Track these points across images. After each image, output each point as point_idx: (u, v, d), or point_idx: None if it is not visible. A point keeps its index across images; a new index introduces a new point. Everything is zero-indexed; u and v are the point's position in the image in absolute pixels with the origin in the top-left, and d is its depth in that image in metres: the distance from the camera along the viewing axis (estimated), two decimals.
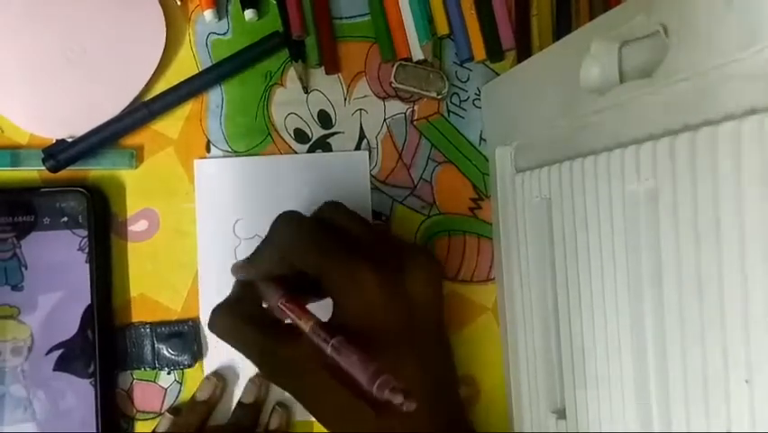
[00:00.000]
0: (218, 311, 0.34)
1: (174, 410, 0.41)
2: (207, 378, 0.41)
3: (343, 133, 0.43)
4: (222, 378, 0.41)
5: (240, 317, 0.34)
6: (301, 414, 0.42)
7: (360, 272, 0.32)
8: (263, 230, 0.42)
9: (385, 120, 0.43)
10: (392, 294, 0.33)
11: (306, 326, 0.31)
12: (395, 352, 0.32)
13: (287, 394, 0.34)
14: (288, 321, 0.33)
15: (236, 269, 0.36)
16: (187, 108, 0.43)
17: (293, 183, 0.42)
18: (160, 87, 0.42)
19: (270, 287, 0.34)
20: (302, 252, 0.33)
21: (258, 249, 0.35)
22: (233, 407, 0.42)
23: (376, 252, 0.34)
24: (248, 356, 0.33)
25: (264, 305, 0.35)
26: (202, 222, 0.42)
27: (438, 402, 0.34)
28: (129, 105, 0.41)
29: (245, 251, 0.42)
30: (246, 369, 0.42)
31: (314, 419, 0.33)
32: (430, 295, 0.35)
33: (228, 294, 0.36)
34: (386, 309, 0.32)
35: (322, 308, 0.34)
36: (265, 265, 0.35)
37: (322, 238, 0.33)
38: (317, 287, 0.34)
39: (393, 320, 0.33)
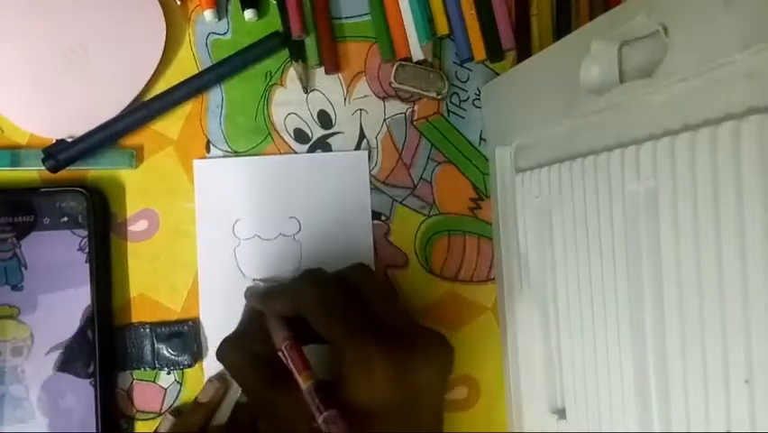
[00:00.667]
0: (228, 345, 0.36)
1: (175, 412, 0.41)
2: (210, 381, 0.41)
3: (343, 133, 0.43)
4: (224, 381, 0.41)
5: (246, 352, 0.35)
6: None
7: (373, 357, 0.32)
8: (263, 230, 0.42)
9: (385, 120, 0.43)
10: (399, 379, 0.32)
11: (303, 383, 0.32)
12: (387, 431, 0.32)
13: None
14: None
15: (251, 296, 0.38)
16: (186, 108, 0.43)
17: (293, 183, 0.42)
18: (160, 86, 0.42)
19: (278, 325, 0.35)
20: (320, 318, 0.34)
21: (277, 293, 0.36)
22: (231, 408, 0.42)
23: (393, 329, 0.34)
24: (247, 396, 0.35)
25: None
26: (201, 222, 0.42)
27: None
28: (129, 105, 0.41)
29: (245, 251, 0.42)
30: None
31: None
32: (438, 383, 0.35)
33: (238, 324, 0.38)
34: (390, 394, 0.32)
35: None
36: (278, 310, 0.36)
37: (343, 309, 0.34)
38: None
39: (394, 403, 0.32)
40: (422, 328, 0.36)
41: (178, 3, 0.42)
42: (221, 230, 0.42)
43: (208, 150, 0.43)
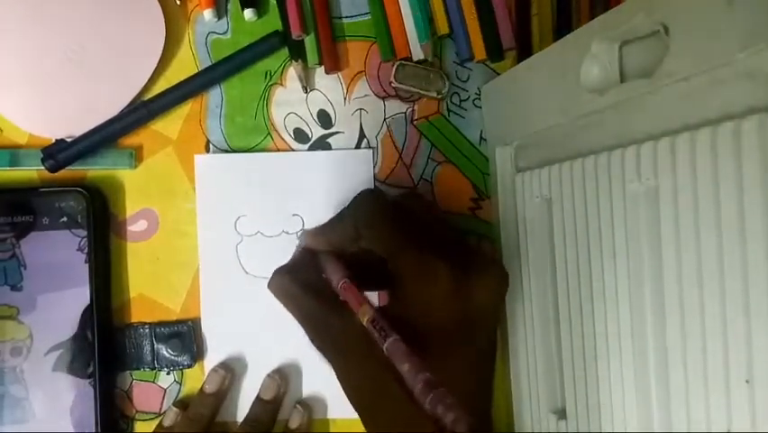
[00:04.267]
0: (279, 272, 0.34)
1: (180, 404, 0.41)
2: (215, 370, 0.41)
3: (343, 132, 0.43)
4: (230, 369, 0.41)
5: (299, 280, 0.34)
6: (320, 412, 0.42)
7: (434, 265, 0.31)
8: (265, 227, 0.42)
9: (385, 120, 0.43)
10: (459, 294, 0.32)
11: (363, 315, 0.31)
12: (446, 351, 0.31)
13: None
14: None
15: (306, 236, 0.36)
16: (186, 108, 0.43)
17: (296, 181, 0.42)
18: (160, 86, 0.42)
19: (334, 264, 0.34)
20: (379, 231, 0.33)
21: (332, 221, 0.35)
22: (239, 400, 0.42)
23: (449, 249, 0.33)
24: (299, 320, 0.33)
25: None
26: (203, 218, 0.42)
27: (476, 412, 0.33)
28: (128, 105, 0.41)
29: (247, 247, 0.42)
30: (253, 362, 0.42)
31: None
32: (494, 305, 0.34)
33: (290, 259, 0.36)
34: (449, 307, 0.32)
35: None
36: (336, 238, 0.35)
37: (401, 221, 0.33)
38: (379, 276, 0.33)
39: (453, 320, 0.32)
40: (479, 251, 0.36)
41: (178, 2, 0.42)
42: (223, 226, 0.42)
43: (208, 149, 0.43)
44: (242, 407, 0.42)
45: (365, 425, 0.32)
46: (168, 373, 0.42)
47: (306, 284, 0.34)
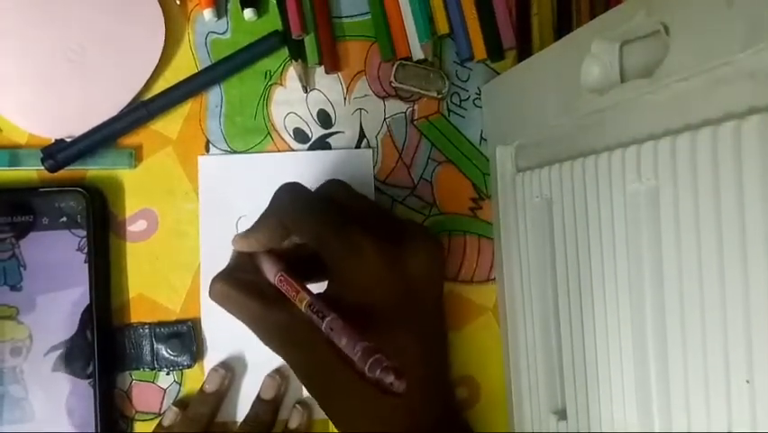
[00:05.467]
0: (217, 278, 0.35)
1: (179, 403, 0.41)
2: (215, 369, 0.41)
3: (343, 132, 0.43)
4: (230, 369, 0.41)
5: (237, 284, 0.34)
6: (321, 413, 0.41)
7: (359, 242, 0.32)
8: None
9: (385, 119, 0.43)
10: (391, 267, 0.32)
11: (300, 302, 0.31)
12: (389, 326, 0.32)
13: (306, 393, 0.33)
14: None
15: (236, 240, 0.36)
16: (186, 108, 0.43)
17: (296, 180, 0.42)
18: (160, 86, 0.42)
19: (269, 260, 0.35)
20: (301, 219, 0.33)
21: (259, 219, 0.35)
22: (239, 400, 0.42)
23: (376, 226, 0.34)
24: (245, 322, 0.34)
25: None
26: (205, 218, 0.42)
27: (429, 381, 0.34)
28: (128, 105, 0.41)
29: None
30: (249, 362, 0.42)
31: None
32: (429, 272, 0.35)
33: (227, 264, 0.37)
34: (384, 281, 0.32)
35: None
36: (264, 235, 0.35)
37: (322, 207, 0.34)
38: (316, 266, 0.34)
39: (390, 293, 0.32)
40: (407, 222, 0.37)
41: (178, 2, 0.42)
42: (224, 227, 0.42)
43: (207, 149, 0.43)
44: (242, 407, 0.42)
45: (325, 411, 0.33)
46: (167, 374, 0.42)
47: (244, 286, 0.34)
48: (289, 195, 0.34)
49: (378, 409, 0.31)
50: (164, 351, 0.41)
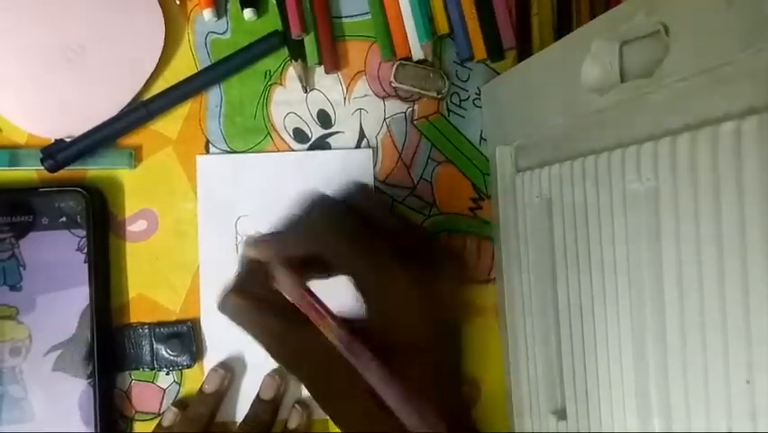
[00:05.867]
0: (230, 293, 0.32)
1: (179, 403, 0.41)
2: (214, 369, 0.41)
3: (343, 132, 0.43)
4: (229, 369, 0.41)
5: (253, 299, 0.32)
6: (320, 413, 0.42)
7: (395, 277, 0.31)
8: (265, 227, 0.42)
9: (385, 119, 0.43)
10: (424, 300, 0.31)
11: (329, 328, 0.30)
12: (418, 360, 0.31)
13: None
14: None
15: (251, 246, 0.34)
16: (185, 108, 0.43)
17: (297, 180, 0.42)
18: (159, 86, 0.42)
19: (287, 274, 0.32)
20: (336, 245, 0.31)
21: (282, 233, 0.33)
22: (238, 400, 0.42)
23: (407, 249, 0.32)
24: (260, 341, 0.31)
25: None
26: (204, 219, 0.42)
27: (447, 409, 0.33)
28: (128, 105, 0.41)
29: None
30: (248, 362, 0.42)
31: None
32: (457, 299, 0.34)
33: (236, 276, 0.34)
34: (417, 316, 0.31)
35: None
36: (288, 249, 0.32)
37: (358, 233, 0.31)
38: (315, 265, 0.32)
39: (422, 327, 0.31)
40: (437, 244, 0.36)
41: (177, 2, 0.42)
42: (223, 226, 0.42)
43: (207, 149, 0.43)
44: (242, 407, 0.42)
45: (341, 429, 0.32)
46: (167, 374, 0.42)
47: (261, 302, 0.32)
48: (322, 212, 0.32)
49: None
50: (164, 351, 0.41)
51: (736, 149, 0.21)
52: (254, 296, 0.32)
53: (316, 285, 0.32)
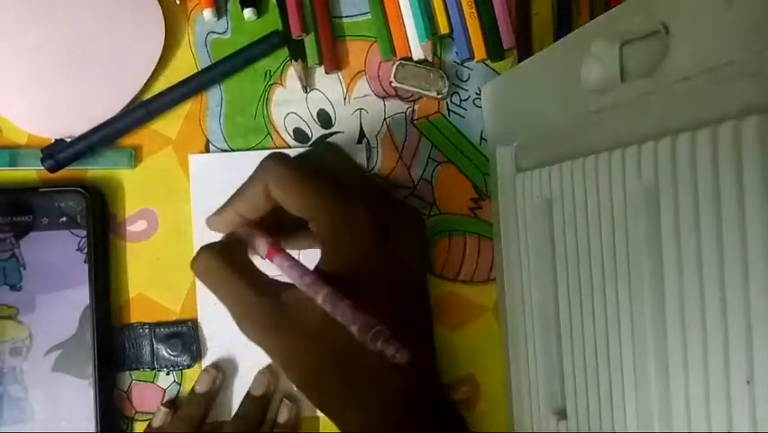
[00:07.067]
0: (207, 250, 0.32)
1: (169, 403, 0.41)
2: (206, 370, 0.41)
3: (343, 132, 0.43)
4: (221, 370, 0.41)
5: (228, 260, 0.32)
6: (309, 409, 0.42)
7: (354, 214, 0.31)
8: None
9: (385, 119, 0.43)
10: (383, 239, 0.32)
11: (294, 275, 0.30)
12: (382, 300, 0.32)
13: (296, 388, 0.33)
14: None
15: (211, 220, 0.34)
16: (186, 108, 0.43)
17: None
18: (159, 86, 0.42)
19: (258, 233, 0.33)
20: (292, 190, 0.31)
21: (240, 188, 0.33)
22: (232, 400, 0.42)
23: (366, 194, 0.33)
24: (225, 302, 0.32)
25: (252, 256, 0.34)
26: (198, 217, 0.42)
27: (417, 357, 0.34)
28: (128, 105, 0.41)
29: None
30: (245, 362, 0.42)
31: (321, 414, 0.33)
32: (416, 245, 0.35)
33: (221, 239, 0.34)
34: (376, 255, 0.32)
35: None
36: (247, 205, 0.32)
37: (313, 177, 0.32)
38: (294, 232, 0.33)
39: (382, 267, 0.32)
40: (395, 199, 0.37)
41: (178, 2, 0.42)
42: None
43: (207, 149, 0.43)
44: (236, 406, 0.41)
45: (312, 402, 0.32)
46: (167, 374, 0.42)
47: (233, 262, 0.32)
48: (277, 163, 0.32)
49: (362, 397, 0.31)
50: (164, 351, 0.41)
51: (736, 149, 0.21)
52: (230, 257, 0.32)
53: None
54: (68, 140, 0.40)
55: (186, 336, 0.41)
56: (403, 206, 0.36)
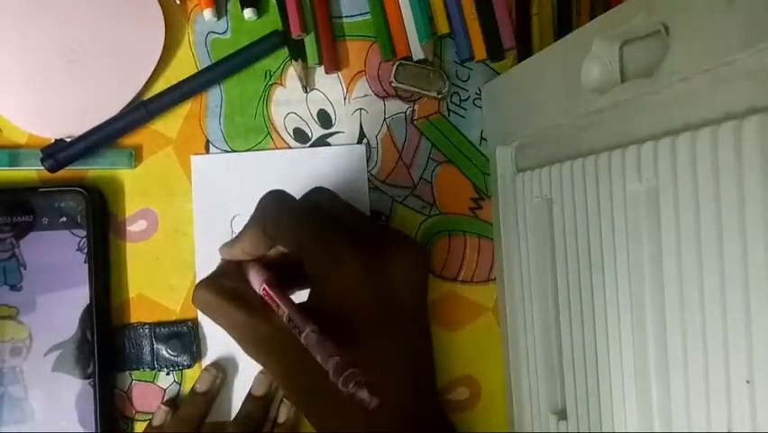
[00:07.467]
0: (201, 285, 0.34)
1: (170, 402, 0.41)
2: (206, 369, 0.41)
3: (343, 132, 0.43)
4: (221, 369, 0.41)
5: (221, 291, 0.34)
6: None
7: (341, 250, 0.32)
8: None
9: (385, 119, 0.43)
10: (373, 276, 0.32)
11: (282, 314, 0.31)
12: (370, 337, 0.31)
13: (294, 407, 0.33)
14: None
15: (222, 249, 0.36)
16: (186, 108, 0.43)
17: (290, 178, 0.42)
18: (160, 86, 0.42)
19: (255, 269, 0.34)
20: (283, 227, 0.33)
21: (243, 227, 0.35)
22: (232, 400, 0.42)
23: (359, 234, 0.33)
24: (226, 330, 0.33)
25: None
26: (199, 218, 0.42)
27: (411, 391, 0.33)
28: (128, 105, 0.41)
29: None
30: (245, 361, 0.42)
31: None
32: (413, 282, 0.34)
33: (213, 272, 0.36)
34: (365, 292, 0.32)
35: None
36: (248, 243, 0.34)
37: (305, 215, 0.33)
38: (302, 275, 0.33)
39: (370, 303, 0.32)
40: (391, 230, 0.37)
41: (178, 2, 0.42)
42: (218, 226, 0.42)
43: (207, 149, 0.43)
44: (237, 406, 0.41)
45: (308, 420, 0.33)
46: (167, 374, 0.42)
47: (227, 293, 0.34)
48: (273, 203, 0.34)
49: (359, 420, 0.31)
50: (164, 351, 0.41)
51: (736, 149, 0.21)
52: (223, 289, 0.34)
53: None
54: (68, 140, 0.40)
55: (186, 336, 0.41)
56: (401, 239, 0.36)
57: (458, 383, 0.42)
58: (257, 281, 0.34)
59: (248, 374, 0.42)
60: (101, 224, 0.41)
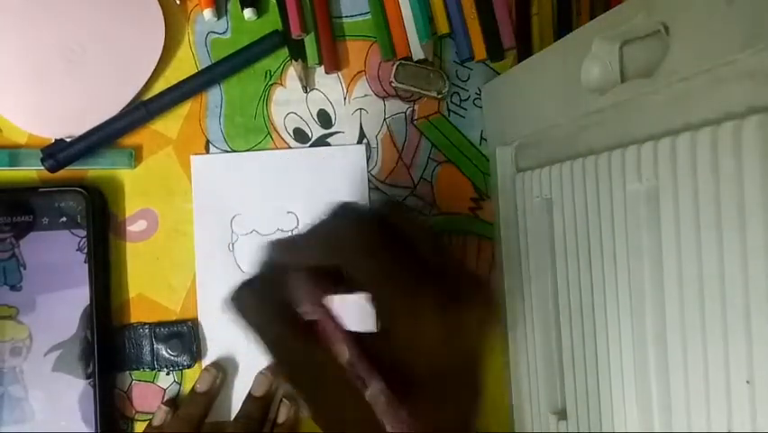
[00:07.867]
0: (246, 288, 0.30)
1: (170, 402, 0.41)
2: (207, 369, 0.41)
3: (343, 132, 0.43)
4: (221, 369, 0.41)
5: (266, 301, 0.30)
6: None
7: (423, 309, 0.28)
8: (260, 225, 0.42)
9: (385, 119, 0.43)
10: (451, 337, 0.29)
11: (342, 353, 0.28)
12: (440, 394, 0.29)
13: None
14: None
15: (274, 249, 0.31)
16: (186, 108, 0.43)
17: (290, 177, 0.42)
18: (160, 86, 0.42)
19: (307, 287, 0.30)
20: (363, 262, 0.28)
21: (305, 235, 0.30)
22: (232, 400, 0.42)
23: (437, 276, 0.29)
24: (263, 345, 0.29)
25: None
26: (199, 217, 0.42)
27: None
28: (128, 105, 0.41)
29: (243, 246, 0.42)
30: (246, 362, 0.42)
31: None
32: (481, 341, 0.31)
33: (257, 271, 0.31)
34: (440, 353, 0.29)
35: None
36: (307, 255, 0.30)
37: (387, 251, 0.29)
38: (341, 278, 0.29)
39: (443, 364, 0.29)
40: (466, 271, 0.32)
41: (178, 2, 0.42)
42: (218, 225, 0.42)
43: (207, 149, 0.43)
44: (237, 406, 0.41)
45: None
46: (167, 374, 0.42)
47: (275, 306, 0.30)
48: (350, 222, 0.29)
49: None
50: (164, 351, 0.41)
51: (736, 149, 0.21)
52: (271, 299, 0.30)
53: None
54: (69, 140, 0.40)
55: (186, 336, 0.41)
56: (477, 284, 0.31)
57: None
58: (307, 304, 0.29)
59: (248, 374, 0.42)
60: (101, 224, 0.41)
